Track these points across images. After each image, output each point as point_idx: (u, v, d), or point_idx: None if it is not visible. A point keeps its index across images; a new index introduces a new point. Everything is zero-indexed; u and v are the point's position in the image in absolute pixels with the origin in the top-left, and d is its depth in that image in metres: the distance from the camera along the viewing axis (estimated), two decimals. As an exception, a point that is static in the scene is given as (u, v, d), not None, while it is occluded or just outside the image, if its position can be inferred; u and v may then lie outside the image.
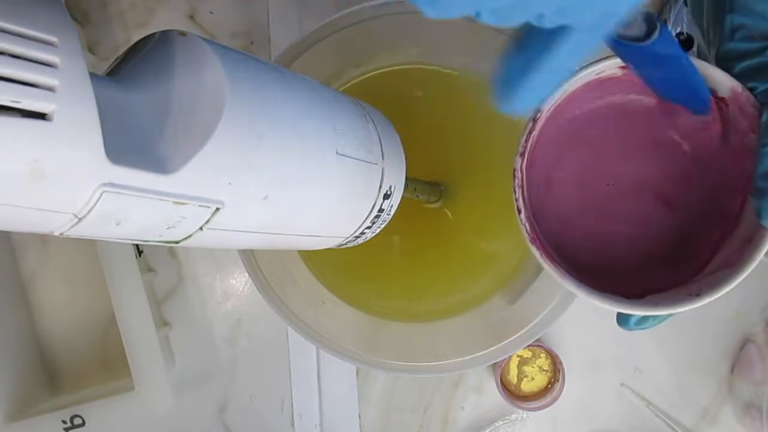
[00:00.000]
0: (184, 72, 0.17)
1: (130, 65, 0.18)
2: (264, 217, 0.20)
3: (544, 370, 0.45)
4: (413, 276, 0.41)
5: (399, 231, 0.40)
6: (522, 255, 0.39)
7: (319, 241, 0.25)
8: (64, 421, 0.40)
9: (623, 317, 0.25)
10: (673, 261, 0.26)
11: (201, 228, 0.18)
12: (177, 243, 0.19)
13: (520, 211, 0.24)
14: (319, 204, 0.22)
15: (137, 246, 0.43)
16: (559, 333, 0.45)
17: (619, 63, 0.23)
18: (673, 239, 0.27)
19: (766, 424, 0.39)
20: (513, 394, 0.44)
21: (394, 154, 0.26)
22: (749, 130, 0.23)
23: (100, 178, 0.14)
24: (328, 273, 0.40)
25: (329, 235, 0.25)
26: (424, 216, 0.40)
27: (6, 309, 0.43)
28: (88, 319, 0.46)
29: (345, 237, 0.26)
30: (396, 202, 0.27)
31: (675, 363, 0.45)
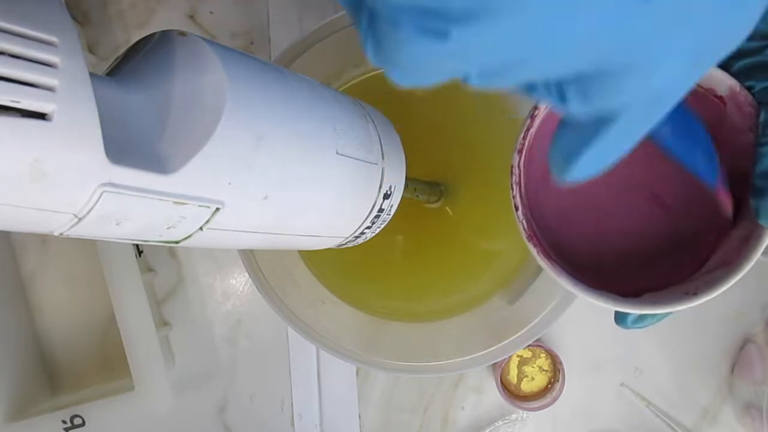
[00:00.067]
0: (184, 72, 0.17)
1: (130, 65, 0.18)
2: (264, 217, 0.20)
3: (544, 370, 0.45)
4: (413, 276, 0.41)
5: (399, 231, 0.40)
6: (522, 255, 0.39)
7: (319, 241, 0.25)
8: (64, 421, 0.40)
9: (621, 316, 0.25)
10: (671, 259, 0.26)
11: (201, 228, 0.18)
12: (177, 243, 0.19)
13: (517, 208, 0.24)
14: (319, 204, 0.22)
15: (137, 246, 0.43)
16: (559, 333, 0.45)
17: None
18: (671, 238, 0.27)
19: (766, 424, 0.39)
20: (513, 394, 0.44)
21: (394, 154, 0.26)
22: (747, 129, 0.23)
23: (100, 178, 0.14)
24: (328, 273, 0.40)
25: (329, 235, 0.25)
26: (424, 216, 0.40)
27: (6, 309, 0.43)
28: (88, 319, 0.46)
29: (345, 237, 0.26)
30: (396, 202, 0.27)
31: (675, 363, 0.45)
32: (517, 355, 0.44)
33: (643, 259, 0.27)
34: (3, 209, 0.13)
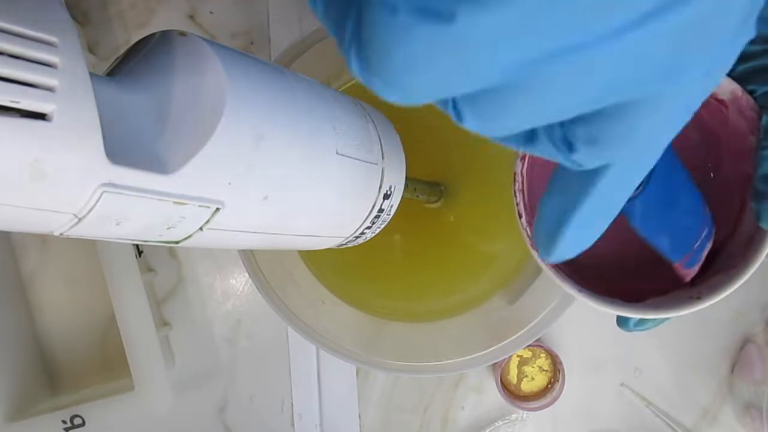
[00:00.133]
0: (184, 72, 0.17)
1: (130, 65, 0.18)
2: (264, 217, 0.20)
3: (544, 370, 0.45)
4: (413, 276, 0.41)
5: (399, 231, 0.40)
6: (522, 255, 0.39)
7: (319, 241, 0.25)
8: (64, 421, 0.40)
9: (623, 319, 0.25)
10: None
11: (201, 228, 0.18)
12: (177, 243, 0.19)
13: (521, 216, 0.24)
14: (319, 204, 0.22)
15: (137, 246, 0.43)
16: (559, 333, 0.45)
17: None
18: None
19: (766, 424, 0.39)
20: (513, 394, 0.44)
21: (394, 154, 0.26)
22: (749, 133, 0.23)
23: (100, 178, 0.14)
24: (328, 273, 0.40)
25: (329, 235, 0.25)
26: (424, 216, 0.40)
27: (6, 309, 0.43)
28: (88, 319, 0.46)
29: (345, 237, 0.26)
30: (396, 202, 0.27)
31: (675, 363, 0.45)
32: (517, 355, 0.44)
33: (647, 263, 0.27)
34: (3, 209, 0.13)
